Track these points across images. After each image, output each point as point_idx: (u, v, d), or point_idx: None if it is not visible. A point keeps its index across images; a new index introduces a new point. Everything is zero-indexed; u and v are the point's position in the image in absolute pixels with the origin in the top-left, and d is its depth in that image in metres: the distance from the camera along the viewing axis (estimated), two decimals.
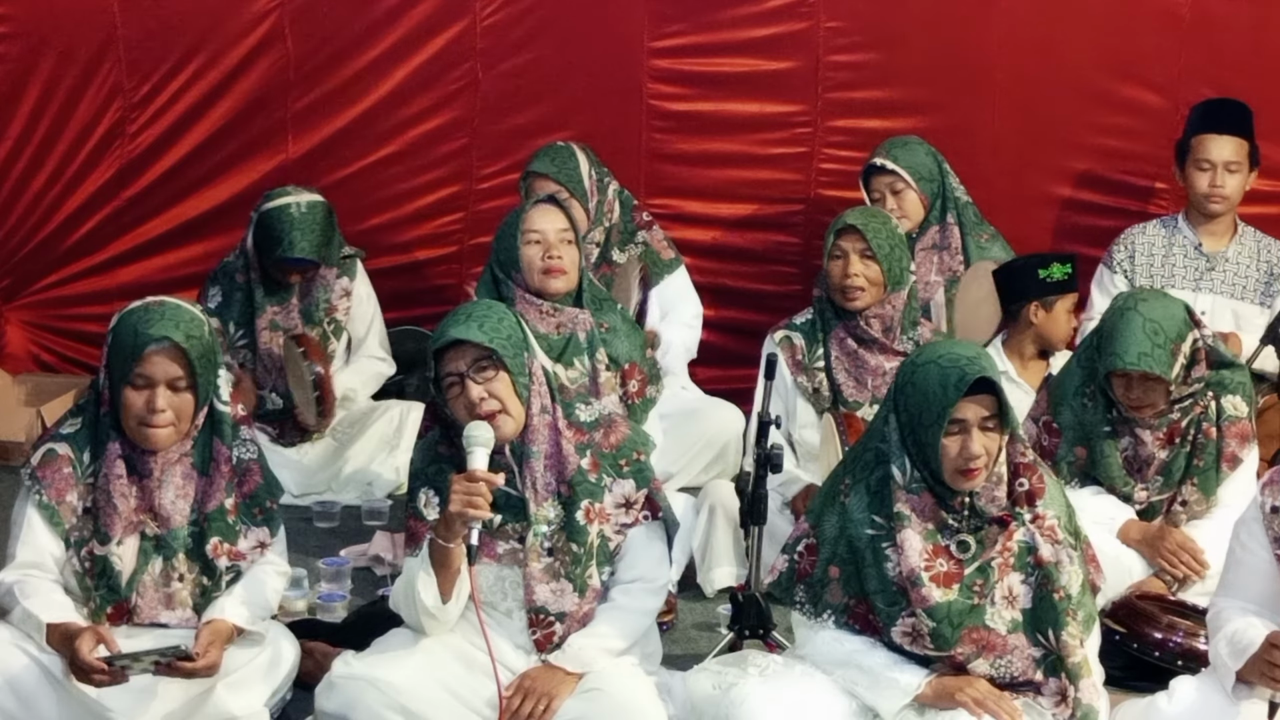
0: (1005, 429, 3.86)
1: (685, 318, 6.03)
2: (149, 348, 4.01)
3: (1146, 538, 4.79)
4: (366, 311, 6.19)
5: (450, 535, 3.87)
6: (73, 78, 6.50)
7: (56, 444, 4.11)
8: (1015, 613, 3.88)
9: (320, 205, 5.99)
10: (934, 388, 3.81)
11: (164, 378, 4.02)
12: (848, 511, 3.95)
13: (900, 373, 3.94)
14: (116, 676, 3.83)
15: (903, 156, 6.03)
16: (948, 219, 6.07)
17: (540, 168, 5.93)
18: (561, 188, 5.84)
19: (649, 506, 4.12)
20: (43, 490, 4.06)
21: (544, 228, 5.12)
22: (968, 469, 3.82)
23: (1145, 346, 4.64)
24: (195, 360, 4.03)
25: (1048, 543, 3.88)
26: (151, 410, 4.01)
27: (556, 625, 4.03)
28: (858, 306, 5.24)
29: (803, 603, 4.00)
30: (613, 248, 6.02)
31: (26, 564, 4.04)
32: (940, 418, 3.80)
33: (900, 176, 5.99)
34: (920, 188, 6.02)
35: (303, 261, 5.95)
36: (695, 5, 6.50)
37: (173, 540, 4.09)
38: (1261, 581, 3.88)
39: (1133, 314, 4.69)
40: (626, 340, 5.22)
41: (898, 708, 3.86)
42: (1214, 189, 5.89)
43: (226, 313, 6.00)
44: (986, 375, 3.80)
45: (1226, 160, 5.89)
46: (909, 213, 5.99)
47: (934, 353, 3.89)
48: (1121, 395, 4.73)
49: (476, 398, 3.96)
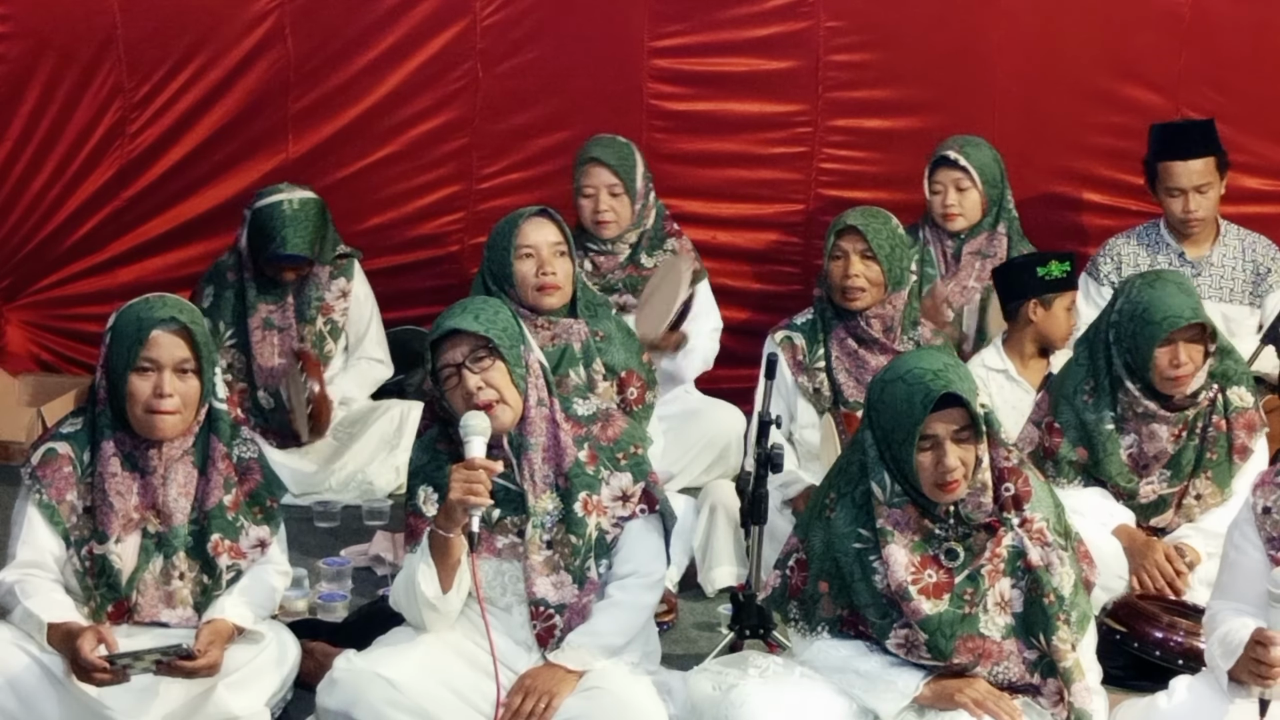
0: (979, 437, 3.84)
1: (706, 329, 6.02)
2: (155, 330, 4.02)
3: (1135, 546, 4.76)
4: (364, 312, 6.19)
5: (450, 525, 3.88)
6: (73, 78, 6.50)
7: (57, 443, 4.11)
8: (1008, 618, 3.87)
9: (313, 202, 5.99)
10: (901, 405, 3.80)
11: (170, 361, 4.02)
12: (833, 526, 3.93)
13: (870, 390, 3.93)
14: (118, 676, 3.83)
15: (974, 154, 6.00)
16: (999, 228, 6.05)
17: (602, 155, 5.95)
18: (618, 180, 5.91)
19: (646, 500, 4.13)
20: (43, 490, 4.06)
21: (537, 241, 5.03)
22: (945, 483, 3.81)
23: (1191, 302, 4.68)
24: (200, 344, 4.05)
25: (1037, 546, 3.87)
26: (159, 395, 4.01)
27: (557, 618, 4.03)
28: (858, 307, 5.24)
29: (796, 619, 3.99)
30: (641, 251, 6.03)
31: (27, 563, 4.04)
32: (911, 435, 3.78)
33: (968, 174, 5.98)
34: (984, 190, 6.00)
35: (296, 258, 5.95)
36: (695, 5, 6.49)
37: (173, 538, 4.09)
38: (1255, 583, 3.86)
39: (1160, 283, 4.74)
40: (622, 348, 5.20)
41: (897, 710, 3.86)
42: (1189, 214, 5.90)
43: (217, 312, 6.00)
44: (951, 390, 3.79)
45: (1196, 185, 5.88)
46: (967, 212, 5.98)
47: (901, 368, 3.86)
48: (1166, 367, 4.68)
49: (474, 387, 3.97)
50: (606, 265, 6.01)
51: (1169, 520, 4.86)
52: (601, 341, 5.13)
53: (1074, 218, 6.56)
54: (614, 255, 6.02)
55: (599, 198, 5.94)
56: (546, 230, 5.05)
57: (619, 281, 6.00)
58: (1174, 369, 4.70)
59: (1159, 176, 5.93)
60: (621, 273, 6.00)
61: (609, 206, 5.94)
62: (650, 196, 6.07)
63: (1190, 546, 4.77)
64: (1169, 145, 5.94)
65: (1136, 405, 4.78)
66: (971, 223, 6.01)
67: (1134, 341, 4.73)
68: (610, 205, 5.95)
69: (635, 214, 5.99)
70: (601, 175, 5.94)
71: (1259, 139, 6.32)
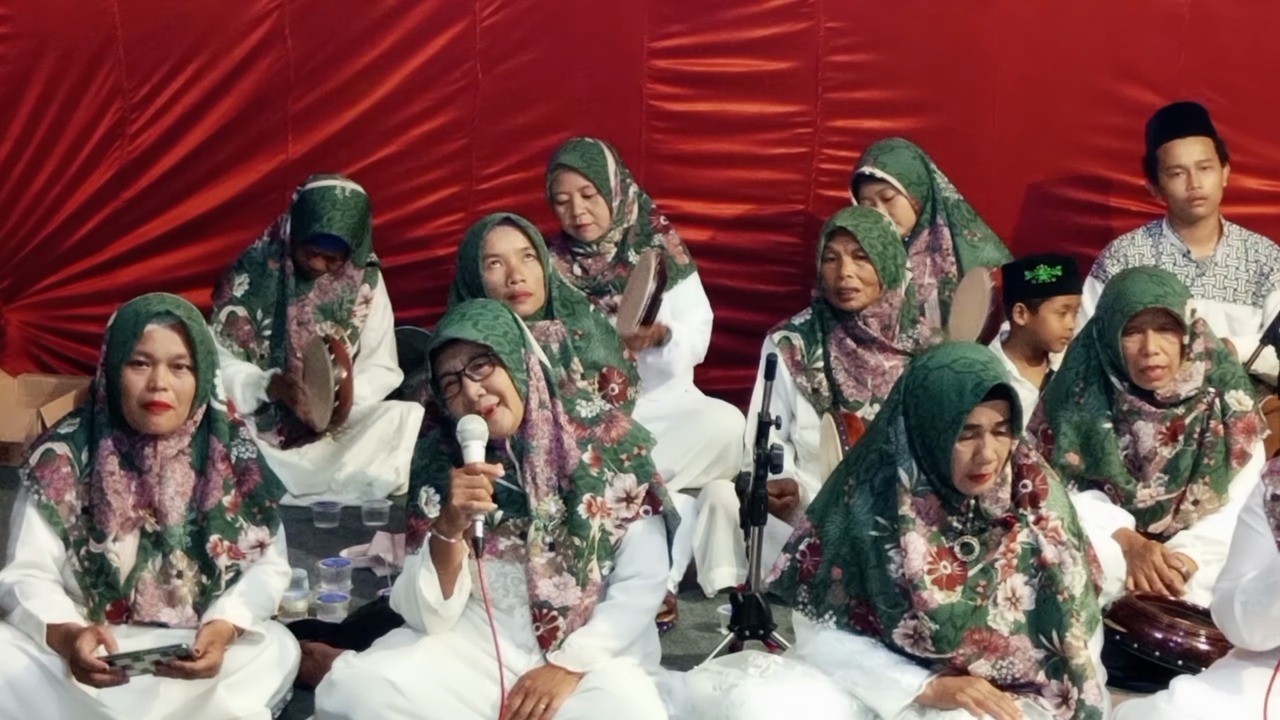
0: (1015, 433, 3.87)
1: (695, 322, 6.03)
2: (150, 324, 4.03)
3: (1134, 549, 4.76)
4: (382, 321, 6.22)
5: (452, 530, 3.88)
6: (73, 78, 6.50)
7: (55, 444, 4.11)
8: (1018, 614, 3.88)
9: (362, 196, 6.06)
10: (949, 393, 3.80)
11: (165, 355, 4.04)
12: (852, 512, 3.95)
13: (911, 376, 3.93)
14: (117, 677, 3.83)
15: (891, 163, 6.02)
16: (938, 220, 6.08)
17: (570, 160, 5.96)
18: (589, 183, 5.92)
19: (650, 501, 4.13)
20: (41, 490, 4.06)
21: (504, 250, 5.06)
22: (979, 474, 3.82)
23: (1158, 289, 4.71)
24: (197, 341, 4.06)
25: (1051, 544, 3.88)
26: (152, 389, 4.02)
27: (560, 620, 4.03)
28: (854, 307, 5.24)
29: (805, 603, 3.99)
30: (629, 249, 6.03)
31: (27, 564, 4.05)
32: (955, 423, 3.79)
33: (890, 184, 6.00)
34: (910, 193, 6.02)
35: (334, 240, 5.96)
36: (695, 5, 6.49)
37: (169, 537, 4.09)
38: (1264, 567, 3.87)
39: (1133, 273, 4.89)
40: (602, 345, 5.22)
41: (899, 708, 3.86)
42: (1192, 191, 5.88)
43: (255, 299, 6.02)
44: (1002, 381, 3.81)
45: (1198, 160, 5.87)
46: (900, 219, 5.98)
47: (947, 357, 3.87)
48: (1137, 355, 4.71)
49: (474, 395, 3.97)
50: (595, 267, 6.02)
51: (1167, 526, 4.87)
52: (581, 340, 5.14)
53: (1074, 218, 6.56)
54: (601, 256, 6.03)
55: (573, 202, 5.96)
56: (512, 237, 5.08)
57: (609, 283, 6.00)
58: (1144, 358, 4.71)
59: (1160, 161, 5.91)
60: (611, 273, 6.01)
61: (585, 209, 5.96)
62: (630, 192, 6.07)
63: (1187, 556, 4.77)
64: (1166, 126, 5.94)
65: (1123, 402, 4.79)
66: (908, 227, 6.02)
67: (1108, 333, 4.76)
68: (586, 208, 5.96)
69: (614, 211, 6.00)
70: (572, 180, 5.96)
71: (1259, 139, 6.31)
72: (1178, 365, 4.74)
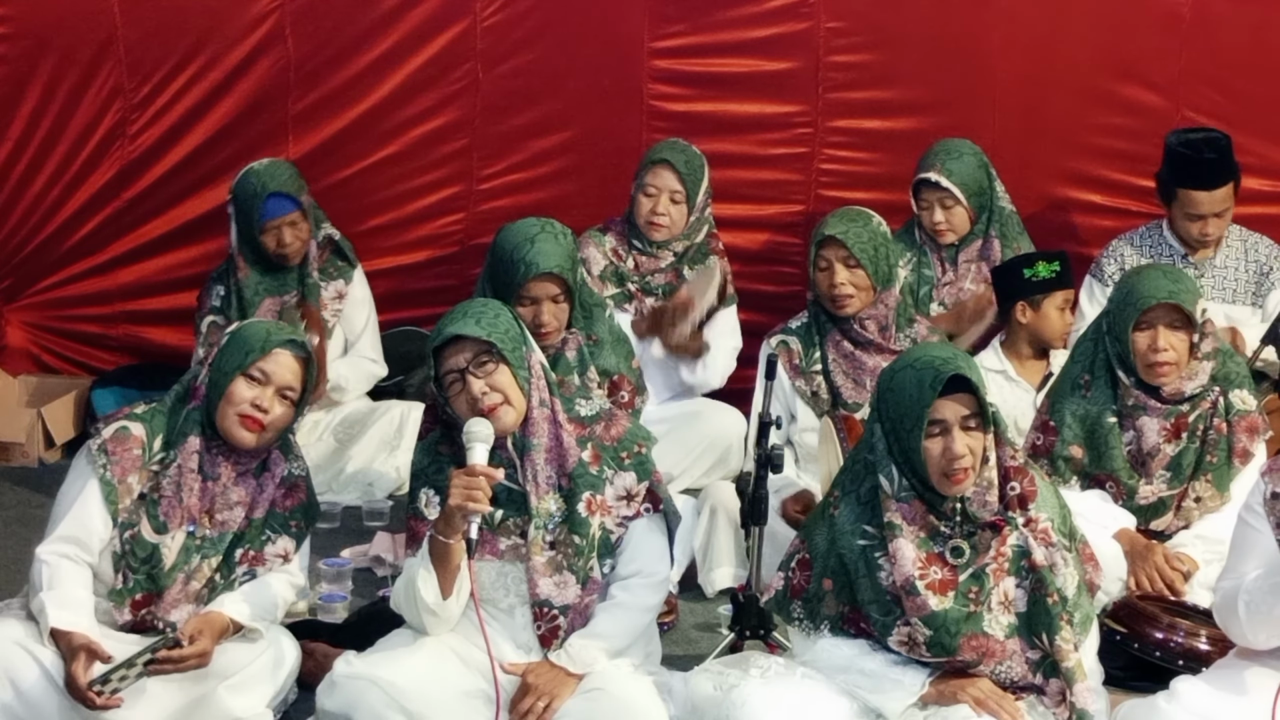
0: (988, 428, 3.86)
1: (727, 347, 6.00)
2: (280, 348, 4.11)
3: (1135, 549, 4.76)
4: (362, 314, 6.21)
5: (450, 531, 3.88)
6: (73, 78, 6.50)
7: (131, 423, 4.13)
8: (1011, 617, 3.88)
9: (280, 160, 6.09)
10: (910, 390, 3.81)
11: (280, 381, 4.10)
12: (836, 524, 3.94)
13: (879, 380, 3.94)
14: (110, 703, 3.84)
15: (956, 171, 5.93)
16: (990, 232, 6.03)
17: (672, 158, 5.96)
18: (682, 189, 5.94)
19: (650, 499, 4.13)
20: (109, 465, 4.07)
21: (539, 295, 4.97)
22: (953, 470, 3.81)
23: (1172, 285, 4.72)
24: (309, 381, 4.14)
25: (1041, 546, 3.87)
26: (257, 406, 4.06)
27: (561, 619, 4.03)
28: (849, 313, 5.24)
29: (800, 618, 3.99)
30: (685, 262, 6.03)
31: (68, 538, 4.05)
32: (919, 420, 3.79)
33: (951, 193, 5.95)
34: (970, 203, 5.96)
35: (283, 198, 5.93)
36: (695, 5, 6.49)
37: (219, 542, 4.12)
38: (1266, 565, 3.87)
39: (1148, 269, 4.90)
40: (613, 352, 5.20)
41: (902, 708, 3.86)
42: (1205, 235, 5.87)
43: (229, 309, 6.01)
44: (961, 373, 3.80)
45: (1216, 210, 5.83)
46: (956, 226, 5.97)
47: (909, 357, 3.89)
48: (1146, 351, 4.71)
49: (478, 392, 3.98)
50: (648, 266, 6.01)
51: (1168, 523, 4.86)
52: (594, 345, 5.13)
53: (1074, 218, 6.56)
54: (657, 259, 6.02)
55: (660, 199, 5.95)
56: (549, 286, 5.01)
57: (657, 286, 6.00)
58: (1153, 354, 4.71)
59: (1177, 199, 5.85)
60: (661, 277, 6.00)
61: (666, 210, 5.95)
62: (706, 212, 6.07)
63: (1188, 556, 4.77)
64: (1192, 174, 5.81)
65: (1128, 397, 4.79)
66: (961, 235, 6.00)
67: (1118, 327, 4.76)
68: (668, 209, 5.96)
69: (689, 224, 6.00)
70: (667, 178, 5.95)
71: (1259, 139, 6.31)
72: (1185, 363, 4.75)
